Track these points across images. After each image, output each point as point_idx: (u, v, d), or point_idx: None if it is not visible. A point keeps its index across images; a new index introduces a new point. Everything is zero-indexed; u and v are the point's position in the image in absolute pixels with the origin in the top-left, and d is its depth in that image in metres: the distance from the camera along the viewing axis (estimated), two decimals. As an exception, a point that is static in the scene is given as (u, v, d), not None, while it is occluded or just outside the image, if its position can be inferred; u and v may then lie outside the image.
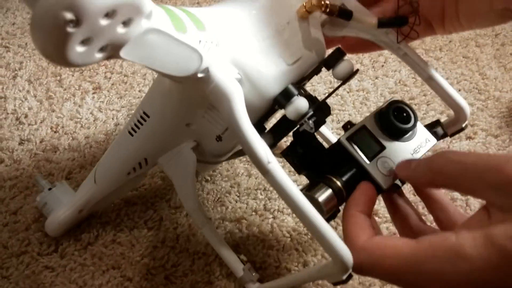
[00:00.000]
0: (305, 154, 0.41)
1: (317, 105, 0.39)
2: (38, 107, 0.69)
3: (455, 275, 0.28)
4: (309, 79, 0.42)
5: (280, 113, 0.40)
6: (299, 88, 0.39)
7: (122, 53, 0.26)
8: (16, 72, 0.76)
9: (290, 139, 0.41)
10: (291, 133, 0.41)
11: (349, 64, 0.40)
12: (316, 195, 0.36)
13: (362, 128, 0.39)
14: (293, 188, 0.33)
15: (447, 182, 0.33)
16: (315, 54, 0.40)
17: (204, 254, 0.52)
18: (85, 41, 0.23)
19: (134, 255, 0.51)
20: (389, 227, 0.55)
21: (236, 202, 0.57)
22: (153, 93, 0.44)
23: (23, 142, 0.64)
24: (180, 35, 0.29)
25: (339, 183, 0.37)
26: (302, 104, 0.37)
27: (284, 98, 0.37)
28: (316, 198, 0.36)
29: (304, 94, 0.39)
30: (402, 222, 0.39)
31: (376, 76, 0.77)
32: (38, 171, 0.60)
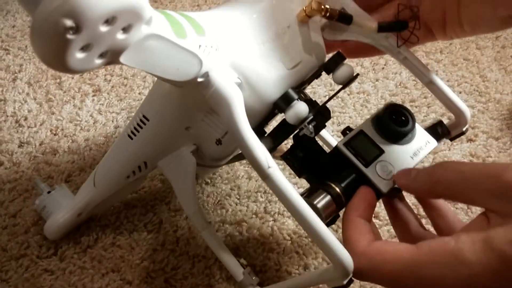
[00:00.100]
0: (305, 158, 0.41)
1: (317, 110, 0.39)
2: (38, 110, 0.69)
3: (455, 280, 0.28)
4: (309, 83, 0.42)
5: (280, 117, 0.40)
6: (299, 92, 0.39)
7: (122, 59, 0.26)
8: (16, 75, 0.75)
9: (291, 142, 0.41)
10: (291, 136, 0.41)
11: (349, 69, 0.40)
12: (315, 202, 0.36)
13: (360, 133, 0.39)
14: (293, 193, 0.33)
15: (447, 192, 0.33)
16: (315, 58, 0.40)
17: (204, 257, 0.52)
18: (85, 48, 0.23)
19: (134, 258, 0.51)
20: (390, 230, 0.54)
21: (236, 205, 0.57)
22: (153, 97, 0.44)
23: (23, 145, 0.64)
24: (180, 41, 0.29)
25: (338, 189, 0.37)
26: (302, 109, 0.37)
27: (284, 103, 0.37)
28: (315, 205, 0.36)
29: (304, 99, 0.39)
30: (402, 228, 0.39)
31: (377, 79, 0.77)
32: (38, 174, 0.60)
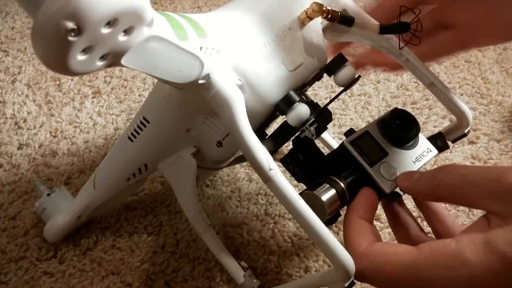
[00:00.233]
0: (306, 161, 0.41)
1: (319, 112, 0.39)
2: (37, 112, 0.69)
3: (456, 281, 0.28)
4: (311, 85, 0.42)
5: (282, 119, 0.40)
6: (301, 94, 0.38)
7: (123, 61, 0.26)
8: (15, 77, 0.75)
9: (291, 145, 0.41)
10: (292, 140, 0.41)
11: (351, 71, 0.40)
12: (320, 195, 0.36)
13: (365, 134, 0.39)
14: (295, 195, 0.33)
15: (448, 195, 0.33)
16: (317, 60, 0.40)
17: (205, 260, 0.51)
18: (86, 50, 0.23)
19: (134, 261, 0.51)
20: (391, 232, 0.54)
21: (237, 207, 0.57)
22: (153, 99, 0.44)
23: (22, 147, 0.64)
24: (182, 42, 0.29)
25: (343, 185, 0.37)
26: (304, 111, 0.37)
27: (285, 105, 0.37)
28: (320, 198, 0.36)
29: (306, 101, 0.39)
30: (402, 232, 0.39)
31: (378, 81, 0.77)
32: (37, 176, 0.60)
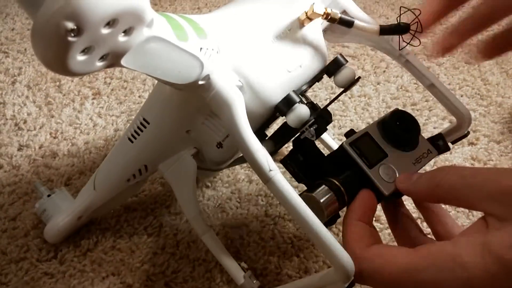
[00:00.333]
0: (306, 162, 0.41)
1: (318, 113, 0.39)
2: (37, 113, 0.69)
3: (453, 284, 0.28)
4: (311, 86, 0.42)
5: (282, 120, 0.40)
6: (301, 95, 0.38)
7: (123, 62, 0.26)
8: (15, 78, 0.75)
9: (292, 146, 0.41)
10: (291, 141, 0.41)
11: (351, 72, 0.40)
12: (318, 196, 0.36)
13: (365, 135, 0.39)
14: (295, 196, 0.33)
15: (447, 196, 0.33)
16: (317, 61, 0.40)
17: (205, 261, 0.51)
18: (86, 50, 0.23)
19: (134, 262, 0.51)
20: (391, 233, 0.54)
21: (237, 209, 0.57)
22: (153, 100, 0.44)
23: (22, 148, 0.64)
24: (182, 43, 0.29)
25: (341, 187, 0.37)
26: (304, 112, 0.37)
27: (285, 106, 0.37)
28: (318, 200, 0.36)
29: (306, 101, 0.39)
30: (401, 233, 0.39)
31: (378, 82, 0.77)
32: (37, 177, 0.60)
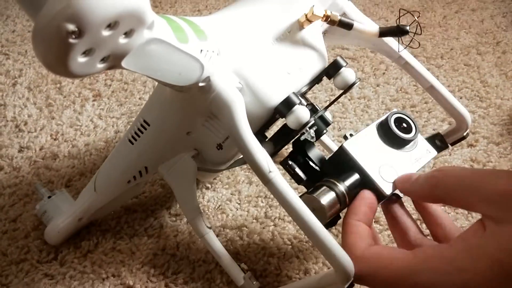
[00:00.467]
0: (305, 163, 0.41)
1: (318, 114, 0.39)
2: (38, 115, 0.69)
3: (450, 287, 0.28)
4: (310, 88, 0.42)
5: (281, 121, 0.40)
6: (300, 97, 0.39)
7: (124, 63, 0.26)
8: (16, 80, 0.76)
9: (291, 147, 0.41)
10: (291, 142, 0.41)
11: (350, 74, 0.40)
12: (319, 198, 0.36)
13: (365, 136, 0.39)
14: (295, 197, 0.33)
15: (445, 196, 0.34)
16: (316, 63, 0.40)
17: (205, 262, 0.51)
18: (87, 52, 0.23)
19: (134, 263, 0.51)
20: (391, 235, 0.54)
21: (237, 210, 0.57)
22: (154, 102, 0.44)
23: (23, 150, 0.64)
24: (182, 45, 0.29)
25: (342, 188, 0.37)
26: (303, 113, 0.37)
27: (285, 107, 0.37)
28: (319, 201, 0.36)
29: (305, 103, 0.39)
30: (401, 234, 0.39)
31: (378, 84, 0.77)
32: (38, 179, 0.60)
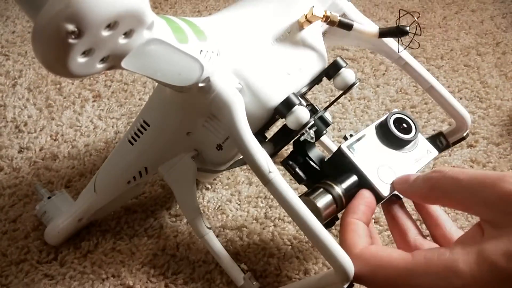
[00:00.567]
0: (305, 163, 0.41)
1: (318, 115, 0.39)
2: (38, 115, 0.69)
3: None
4: (310, 89, 0.42)
5: (281, 122, 0.40)
6: (300, 98, 0.39)
7: (123, 64, 0.26)
8: (16, 80, 0.76)
9: (291, 147, 0.41)
10: (292, 142, 0.41)
11: (350, 74, 0.40)
12: (315, 200, 0.36)
13: (364, 137, 0.39)
14: (294, 198, 0.33)
15: (442, 198, 0.34)
16: (316, 64, 0.40)
17: (205, 262, 0.51)
18: (87, 52, 0.23)
19: (134, 263, 0.51)
20: (391, 235, 0.54)
21: (237, 210, 0.57)
22: (154, 102, 0.44)
23: (23, 150, 0.64)
24: (182, 45, 0.29)
25: (339, 190, 0.37)
26: (303, 114, 0.37)
27: (285, 108, 0.37)
28: (315, 203, 0.36)
29: (305, 104, 0.39)
30: (400, 235, 0.38)
31: (377, 85, 0.77)
32: (38, 179, 0.60)
